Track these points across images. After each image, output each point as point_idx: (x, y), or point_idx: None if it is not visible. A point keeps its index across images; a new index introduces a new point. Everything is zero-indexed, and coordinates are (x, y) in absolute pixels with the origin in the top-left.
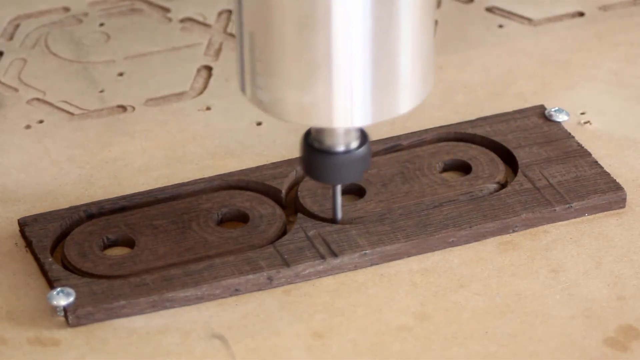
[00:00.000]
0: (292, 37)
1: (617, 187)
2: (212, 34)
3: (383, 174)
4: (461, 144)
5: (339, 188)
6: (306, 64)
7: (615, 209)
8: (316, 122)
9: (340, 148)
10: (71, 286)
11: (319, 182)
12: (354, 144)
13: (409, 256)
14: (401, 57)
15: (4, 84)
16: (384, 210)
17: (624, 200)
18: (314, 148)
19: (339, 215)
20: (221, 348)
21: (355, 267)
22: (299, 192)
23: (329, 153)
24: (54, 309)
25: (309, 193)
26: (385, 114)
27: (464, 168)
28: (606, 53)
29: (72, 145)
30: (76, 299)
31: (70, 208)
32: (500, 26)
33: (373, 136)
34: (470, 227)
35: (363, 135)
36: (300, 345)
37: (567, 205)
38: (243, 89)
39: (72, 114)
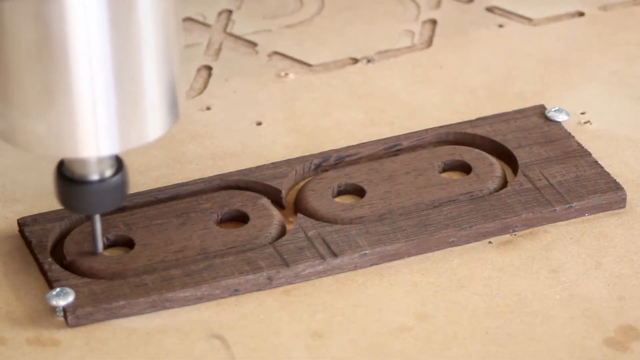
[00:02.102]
0: (28, 65)
1: (617, 187)
2: (212, 33)
3: (383, 174)
4: (462, 147)
5: (97, 218)
6: (44, 92)
7: (615, 209)
8: (61, 153)
9: (94, 177)
10: (71, 286)
11: (76, 213)
12: (109, 172)
13: (409, 256)
14: (146, 85)
15: None
16: (384, 210)
17: (624, 200)
18: (67, 178)
19: (100, 247)
20: (221, 348)
21: (355, 267)
22: (300, 193)
23: (82, 183)
24: (54, 309)
25: (312, 193)
26: (133, 142)
27: (464, 168)
28: (606, 53)
29: None
30: (76, 299)
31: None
32: (500, 26)
33: (373, 136)
34: (470, 227)
35: (119, 162)
36: (300, 345)
37: (567, 205)
38: None
39: None
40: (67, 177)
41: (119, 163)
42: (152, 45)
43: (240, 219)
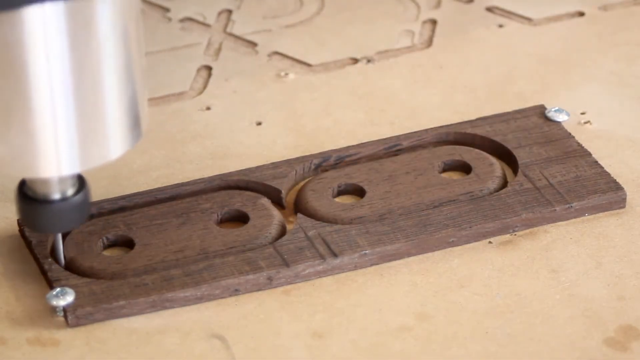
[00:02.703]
0: None
1: (617, 187)
2: (211, 33)
3: (383, 174)
4: (462, 147)
5: (59, 236)
6: (4, 113)
7: (615, 209)
8: (21, 173)
9: (56, 196)
10: (71, 286)
11: (38, 232)
12: (71, 191)
13: (409, 256)
14: (107, 103)
15: None
16: (384, 210)
17: (624, 200)
18: (29, 197)
19: (63, 262)
20: (221, 348)
21: (355, 267)
22: (300, 193)
23: (44, 202)
24: (54, 309)
25: (312, 193)
26: (96, 160)
27: (464, 168)
28: (606, 53)
29: None
30: (76, 299)
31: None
32: (500, 26)
33: (373, 136)
34: (470, 227)
35: (81, 180)
36: (300, 345)
37: (567, 205)
38: None
39: None
40: (28, 197)
41: (80, 181)
42: (113, 65)
43: (240, 219)
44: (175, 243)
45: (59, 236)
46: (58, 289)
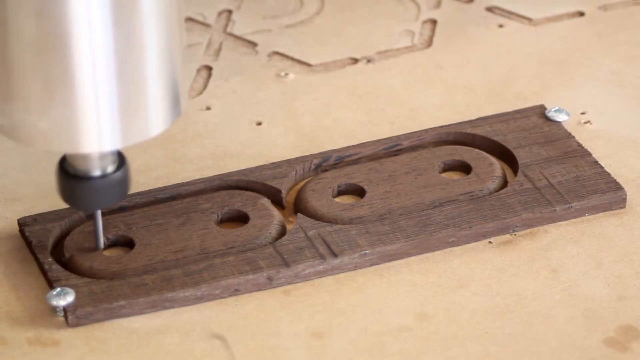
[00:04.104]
0: (30, 60)
1: (617, 187)
2: (211, 33)
3: (383, 174)
4: (462, 147)
5: (99, 214)
6: (46, 87)
7: (615, 209)
8: (63, 148)
9: (96, 173)
10: (71, 286)
11: (78, 209)
12: (111, 168)
13: (409, 256)
14: (148, 80)
15: None
16: (384, 210)
17: (624, 200)
18: (69, 173)
19: (102, 242)
20: (221, 348)
21: (355, 267)
22: (300, 193)
23: (84, 178)
24: (54, 309)
25: (312, 193)
26: (136, 137)
27: (464, 168)
28: (606, 53)
29: None
30: (76, 299)
31: (70, 208)
32: (500, 26)
33: (373, 136)
34: (470, 227)
35: (121, 158)
36: (300, 345)
37: (567, 205)
38: None
39: None
40: (69, 173)
41: (121, 159)
42: (155, 41)
43: (240, 219)
44: (175, 243)
45: (99, 214)
46: (58, 289)
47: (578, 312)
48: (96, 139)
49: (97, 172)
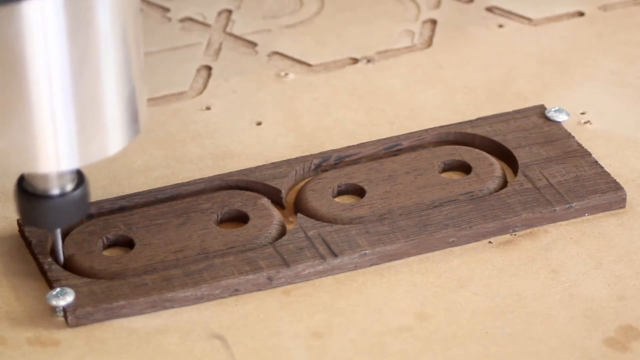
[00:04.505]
0: None
1: (617, 187)
2: (211, 33)
3: (383, 174)
4: (462, 147)
5: (58, 233)
6: (2, 107)
7: (615, 209)
8: (21, 168)
9: (55, 191)
10: (70, 286)
11: (37, 227)
12: (70, 186)
13: (409, 256)
14: (105, 99)
15: None
16: (384, 210)
17: (624, 200)
18: (28, 192)
19: (62, 258)
20: (221, 348)
21: (355, 267)
22: (300, 193)
23: (43, 197)
24: (54, 309)
25: (312, 193)
26: (95, 156)
27: (464, 168)
28: (606, 53)
29: None
30: (75, 299)
31: None
32: (500, 26)
33: (373, 136)
34: (470, 227)
35: (80, 176)
36: (300, 345)
37: (567, 205)
38: None
39: None
40: (28, 192)
41: (80, 176)
42: (111, 60)
43: (240, 219)
44: (175, 243)
45: (59, 232)
46: (58, 289)
47: (578, 312)
48: (54, 158)
49: (55, 191)
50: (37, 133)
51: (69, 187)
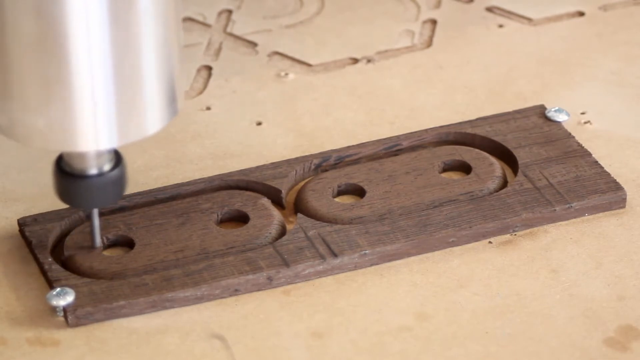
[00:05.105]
0: (27, 59)
1: (617, 187)
2: (212, 33)
3: (383, 174)
4: (462, 147)
5: (96, 212)
6: (43, 86)
7: (615, 209)
8: (60, 146)
9: (93, 171)
10: (71, 286)
11: (75, 207)
12: (107, 167)
13: (409, 256)
14: (145, 79)
15: None
16: (384, 210)
17: (624, 200)
18: (66, 172)
19: (98, 240)
20: (221, 348)
21: (355, 267)
22: (300, 193)
23: (81, 177)
24: (54, 309)
25: (312, 193)
26: (132, 136)
27: (464, 168)
28: (606, 53)
29: None
30: (76, 299)
31: (70, 208)
32: (500, 26)
33: (373, 136)
34: (470, 227)
35: (117, 156)
36: (300, 345)
37: (567, 205)
38: None
39: None
40: (66, 172)
41: (117, 157)
42: (152, 40)
43: (240, 219)
44: (175, 243)
45: (96, 212)
46: (58, 289)
47: (578, 312)
48: (93, 137)
49: (93, 171)
50: (77, 112)
51: (107, 167)
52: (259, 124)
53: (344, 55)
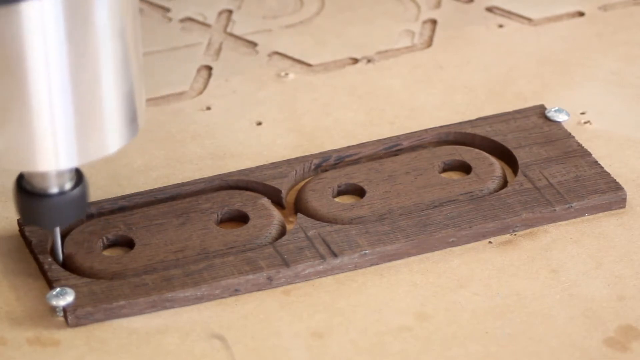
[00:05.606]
0: None
1: (617, 187)
2: (212, 33)
3: (383, 174)
4: (462, 147)
5: (57, 231)
6: (2, 107)
7: (615, 209)
8: (19, 166)
9: (54, 190)
10: (71, 286)
11: (37, 226)
12: (69, 185)
13: (409, 256)
14: (104, 98)
15: None
16: (384, 210)
17: (624, 200)
18: (27, 191)
19: (60, 257)
20: (221, 348)
21: (355, 267)
22: (300, 193)
23: (42, 196)
24: (54, 309)
25: (312, 193)
26: (93, 154)
27: (464, 168)
28: (606, 53)
29: None
30: (76, 299)
31: None
32: (500, 26)
33: (373, 136)
34: (470, 227)
35: (79, 175)
36: (300, 345)
37: (567, 205)
38: None
39: None
40: (27, 191)
41: (78, 176)
42: (110, 59)
43: (240, 219)
44: (175, 243)
45: (58, 231)
46: (58, 289)
47: (578, 312)
48: (52, 157)
49: (54, 190)
50: (36, 132)
51: (68, 186)
52: (259, 124)
53: (344, 55)
